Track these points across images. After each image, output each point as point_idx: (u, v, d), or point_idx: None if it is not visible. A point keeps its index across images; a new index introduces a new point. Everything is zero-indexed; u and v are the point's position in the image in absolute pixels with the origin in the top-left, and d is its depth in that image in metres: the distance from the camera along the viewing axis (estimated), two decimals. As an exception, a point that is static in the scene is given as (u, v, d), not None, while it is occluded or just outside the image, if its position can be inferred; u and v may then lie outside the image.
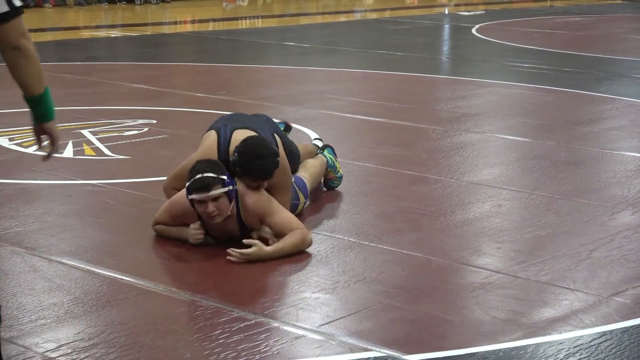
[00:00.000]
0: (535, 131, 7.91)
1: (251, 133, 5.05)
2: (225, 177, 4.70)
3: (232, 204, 4.76)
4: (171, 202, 4.94)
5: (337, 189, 5.89)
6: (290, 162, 5.25)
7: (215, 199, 4.67)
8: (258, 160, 4.81)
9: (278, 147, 5.08)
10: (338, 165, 5.88)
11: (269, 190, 4.94)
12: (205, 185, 4.65)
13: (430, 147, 7.21)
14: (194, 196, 4.69)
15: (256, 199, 4.82)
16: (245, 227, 4.86)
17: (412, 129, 7.99)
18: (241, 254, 4.62)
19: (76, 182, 6.09)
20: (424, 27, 17.63)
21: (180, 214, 4.86)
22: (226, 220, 4.79)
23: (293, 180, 5.30)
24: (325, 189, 5.87)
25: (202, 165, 4.72)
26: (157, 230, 4.97)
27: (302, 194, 5.34)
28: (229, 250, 4.64)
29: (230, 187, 4.71)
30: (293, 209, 5.24)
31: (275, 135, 5.24)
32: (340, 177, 5.89)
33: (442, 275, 4.53)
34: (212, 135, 5.10)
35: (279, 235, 4.78)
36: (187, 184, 4.71)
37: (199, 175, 4.66)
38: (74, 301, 4.10)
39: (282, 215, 4.82)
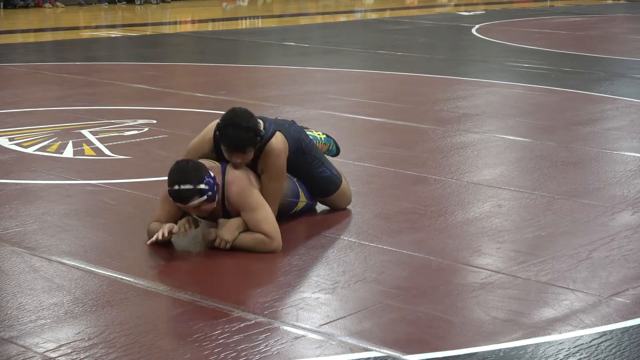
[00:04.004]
0: (535, 131, 7.92)
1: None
2: (203, 186, 4.67)
3: (217, 197, 4.79)
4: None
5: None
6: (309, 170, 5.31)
7: (196, 206, 4.73)
8: (232, 128, 4.83)
9: (270, 134, 5.03)
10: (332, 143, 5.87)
11: (260, 174, 4.98)
12: (182, 199, 4.69)
13: (430, 148, 7.22)
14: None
15: (240, 190, 4.83)
16: (228, 212, 4.89)
17: (412, 129, 7.99)
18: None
19: (76, 182, 6.09)
20: (424, 27, 17.64)
21: None
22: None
23: (296, 179, 5.30)
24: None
25: (179, 175, 4.68)
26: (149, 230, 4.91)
27: (303, 193, 5.34)
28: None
29: (209, 194, 4.70)
30: (290, 207, 5.24)
31: (291, 130, 5.21)
32: (333, 151, 5.85)
33: (442, 275, 4.53)
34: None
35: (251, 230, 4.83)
36: (168, 187, 4.72)
37: (175, 187, 4.67)
38: (74, 301, 4.10)
39: (259, 213, 4.80)
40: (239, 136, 4.82)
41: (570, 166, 6.66)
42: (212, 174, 4.75)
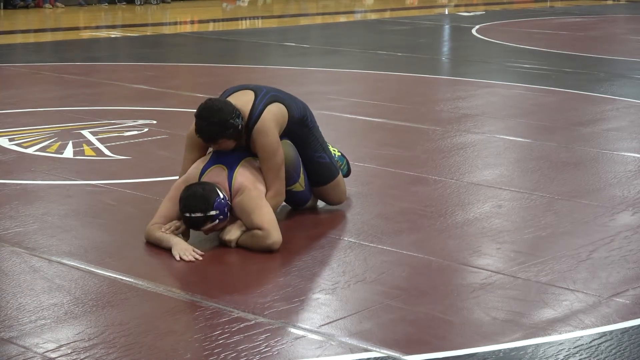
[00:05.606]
0: (536, 132, 7.92)
1: (245, 93, 5.12)
2: (212, 213, 4.70)
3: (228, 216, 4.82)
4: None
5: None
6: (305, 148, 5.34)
7: (210, 228, 4.79)
8: (199, 120, 4.93)
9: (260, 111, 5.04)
10: (344, 163, 5.88)
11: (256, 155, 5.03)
12: (194, 226, 4.77)
13: (430, 148, 7.22)
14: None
15: (240, 200, 4.85)
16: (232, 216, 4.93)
17: (412, 130, 7.99)
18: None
19: (76, 182, 6.09)
20: (424, 27, 17.64)
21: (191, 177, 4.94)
22: None
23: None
24: None
25: (189, 204, 4.71)
26: (148, 231, 4.91)
27: (303, 175, 5.31)
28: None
29: (221, 217, 4.74)
30: (290, 180, 5.22)
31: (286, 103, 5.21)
32: (343, 171, 5.84)
33: (442, 275, 4.53)
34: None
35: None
36: (180, 213, 4.77)
37: (186, 215, 4.73)
38: (74, 301, 4.10)
39: (254, 213, 4.80)
40: (204, 129, 4.92)
41: (570, 167, 6.66)
42: (221, 194, 4.76)
